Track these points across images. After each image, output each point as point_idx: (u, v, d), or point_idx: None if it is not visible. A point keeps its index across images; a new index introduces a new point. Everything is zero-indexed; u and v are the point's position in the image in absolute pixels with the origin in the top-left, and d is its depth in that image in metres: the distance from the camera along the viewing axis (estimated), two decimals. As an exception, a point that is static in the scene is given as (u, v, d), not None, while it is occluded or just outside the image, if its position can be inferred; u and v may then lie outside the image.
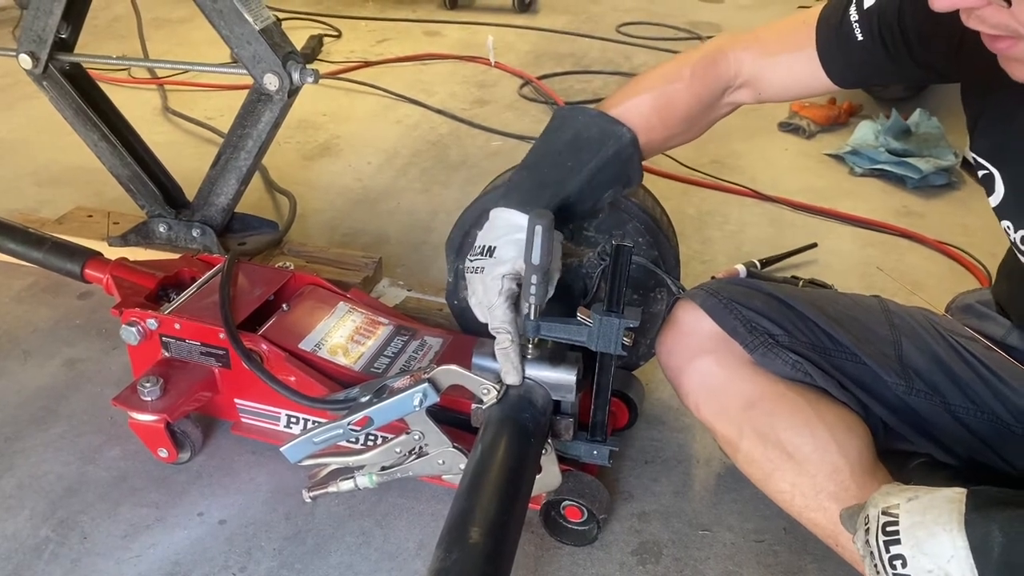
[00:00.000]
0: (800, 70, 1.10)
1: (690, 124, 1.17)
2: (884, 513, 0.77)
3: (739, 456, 1.09)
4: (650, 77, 1.17)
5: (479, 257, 1.06)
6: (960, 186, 2.41)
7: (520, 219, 1.04)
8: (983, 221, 2.21)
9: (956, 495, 0.75)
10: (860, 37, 1.04)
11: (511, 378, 1.07)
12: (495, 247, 1.05)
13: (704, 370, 1.12)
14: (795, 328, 1.10)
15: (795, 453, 1.03)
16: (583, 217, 1.12)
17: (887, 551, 0.75)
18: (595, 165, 1.09)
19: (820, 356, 1.09)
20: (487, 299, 1.04)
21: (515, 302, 1.05)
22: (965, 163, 2.47)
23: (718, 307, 1.12)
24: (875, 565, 0.76)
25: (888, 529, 0.76)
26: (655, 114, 1.13)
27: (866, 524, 0.78)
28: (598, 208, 1.14)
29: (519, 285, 1.05)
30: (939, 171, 2.37)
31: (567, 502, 1.22)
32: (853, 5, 1.04)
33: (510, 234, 1.04)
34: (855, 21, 1.04)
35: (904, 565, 0.74)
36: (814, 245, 2.05)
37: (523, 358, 1.08)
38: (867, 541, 0.77)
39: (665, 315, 1.38)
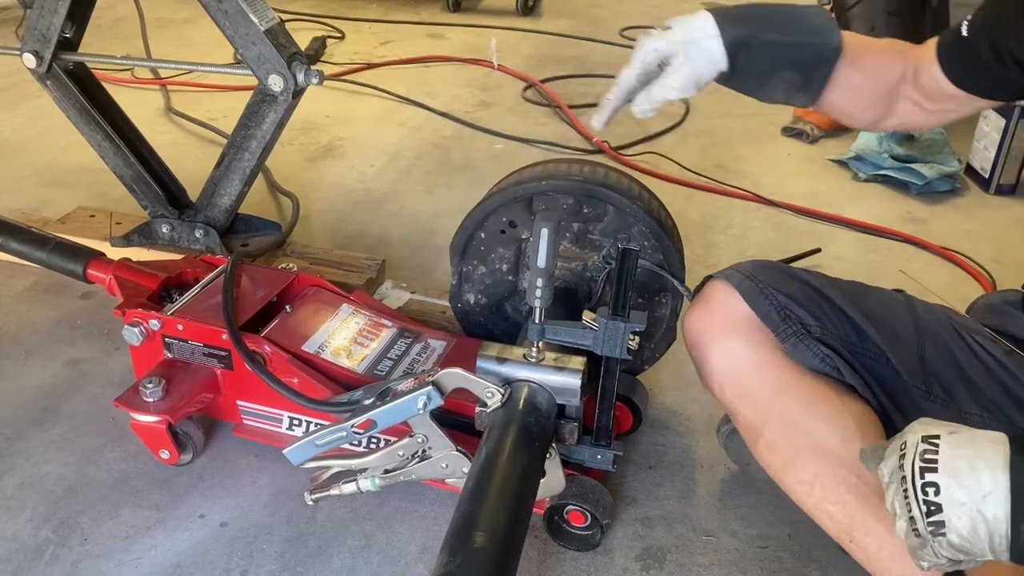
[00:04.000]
0: (932, 69, 1.08)
1: (872, 85, 1.12)
2: (924, 440, 0.76)
3: (760, 442, 1.08)
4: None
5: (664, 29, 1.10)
6: (963, 192, 2.41)
7: (708, 24, 1.06)
8: (986, 227, 2.21)
9: (1000, 436, 0.74)
10: (965, 34, 1.02)
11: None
12: (672, 27, 1.09)
13: (734, 352, 1.10)
14: (827, 320, 1.09)
15: (822, 442, 1.02)
16: (745, 83, 1.10)
17: (922, 477, 0.74)
18: (795, 40, 1.07)
19: (848, 351, 1.08)
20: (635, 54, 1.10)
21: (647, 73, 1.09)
22: (969, 169, 2.47)
23: (753, 290, 1.10)
24: (904, 490, 0.74)
25: (926, 456, 0.74)
26: (857, 46, 1.10)
27: (902, 449, 0.77)
28: (764, 93, 1.11)
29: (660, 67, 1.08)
30: (943, 177, 2.37)
31: (571, 506, 1.22)
32: (966, 20, 1.04)
33: (690, 23, 1.07)
34: (965, 21, 1.03)
35: (937, 493, 0.73)
36: (818, 250, 2.04)
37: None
38: (901, 465, 0.75)
39: (666, 315, 1.38)
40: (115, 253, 1.64)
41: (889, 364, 1.08)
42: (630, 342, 1.11)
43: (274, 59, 1.58)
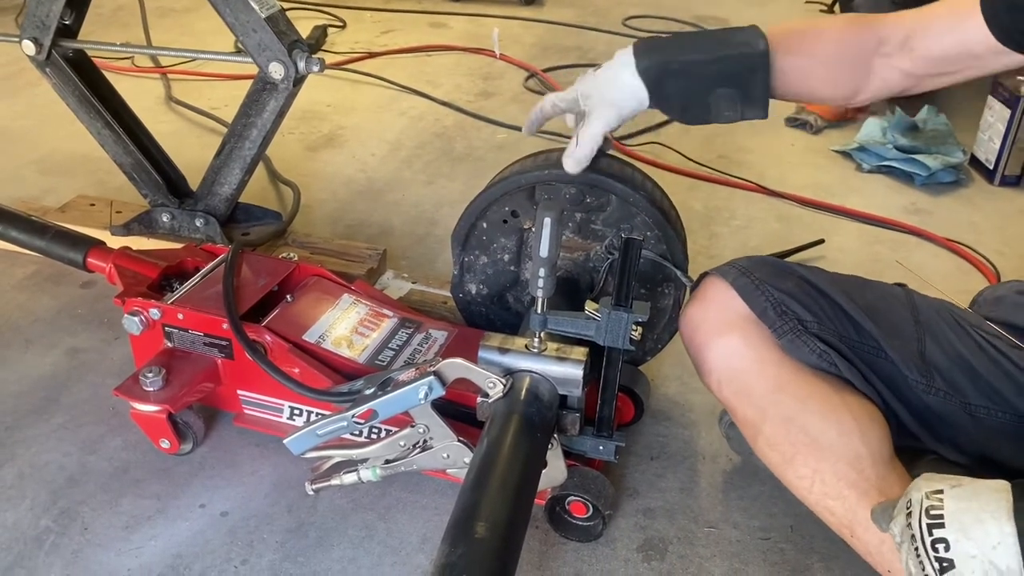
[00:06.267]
0: (960, 21, 1.03)
1: (833, 65, 1.12)
2: (928, 497, 0.76)
3: (759, 439, 1.08)
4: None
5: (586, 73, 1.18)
6: (968, 183, 2.40)
7: (626, 56, 1.13)
8: (991, 219, 2.20)
9: (1002, 485, 0.74)
10: None
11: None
12: (590, 73, 1.17)
13: (731, 349, 1.10)
14: (824, 315, 1.09)
15: (820, 438, 1.02)
16: (685, 110, 1.15)
17: (930, 534, 0.74)
18: (717, 56, 1.10)
19: (846, 346, 1.08)
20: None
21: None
22: (973, 160, 2.45)
23: (749, 287, 1.10)
24: (915, 549, 0.75)
25: (932, 513, 0.75)
26: (798, 37, 1.12)
27: (908, 508, 0.77)
28: (712, 116, 1.14)
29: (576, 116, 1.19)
30: (947, 168, 2.35)
31: (572, 497, 1.21)
32: None
33: (609, 69, 1.14)
34: None
35: (947, 549, 0.73)
36: (821, 241, 2.04)
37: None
38: (908, 524, 0.76)
39: (669, 305, 1.37)
40: (115, 242, 1.63)
41: (888, 358, 1.07)
42: (633, 333, 1.10)
43: (275, 47, 1.57)
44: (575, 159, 1.19)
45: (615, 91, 1.13)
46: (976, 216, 2.22)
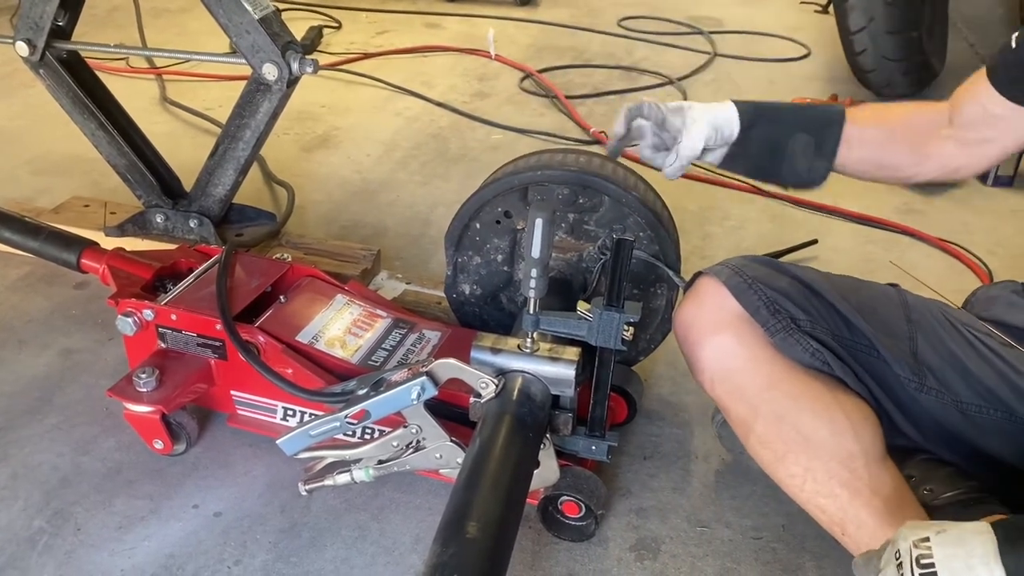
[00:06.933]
0: (978, 86, 1.12)
1: (898, 134, 1.20)
2: (916, 546, 0.77)
3: (751, 437, 1.09)
4: None
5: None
6: (961, 184, 2.40)
7: (726, 102, 1.23)
8: (984, 219, 2.21)
9: (984, 527, 0.76)
10: (1015, 46, 1.06)
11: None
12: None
13: (724, 348, 1.10)
14: (817, 314, 1.09)
15: (812, 436, 1.03)
16: (765, 155, 1.23)
17: None
18: (803, 108, 1.28)
19: (839, 345, 1.09)
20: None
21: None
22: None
23: (742, 286, 1.10)
24: None
25: (923, 562, 0.76)
26: (870, 109, 1.26)
27: (897, 558, 0.78)
28: (785, 160, 1.22)
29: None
30: (940, 168, 2.36)
31: (565, 497, 1.22)
32: (1015, 33, 1.07)
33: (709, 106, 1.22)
34: (1014, 36, 1.06)
35: None
36: (815, 241, 2.04)
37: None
38: (901, 575, 0.77)
39: (662, 305, 1.37)
40: (109, 243, 1.63)
41: (880, 357, 1.08)
42: (625, 333, 1.11)
43: (268, 48, 1.57)
44: (676, 169, 1.22)
45: (717, 113, 1.21)
46: (969, 216, 2.22)
